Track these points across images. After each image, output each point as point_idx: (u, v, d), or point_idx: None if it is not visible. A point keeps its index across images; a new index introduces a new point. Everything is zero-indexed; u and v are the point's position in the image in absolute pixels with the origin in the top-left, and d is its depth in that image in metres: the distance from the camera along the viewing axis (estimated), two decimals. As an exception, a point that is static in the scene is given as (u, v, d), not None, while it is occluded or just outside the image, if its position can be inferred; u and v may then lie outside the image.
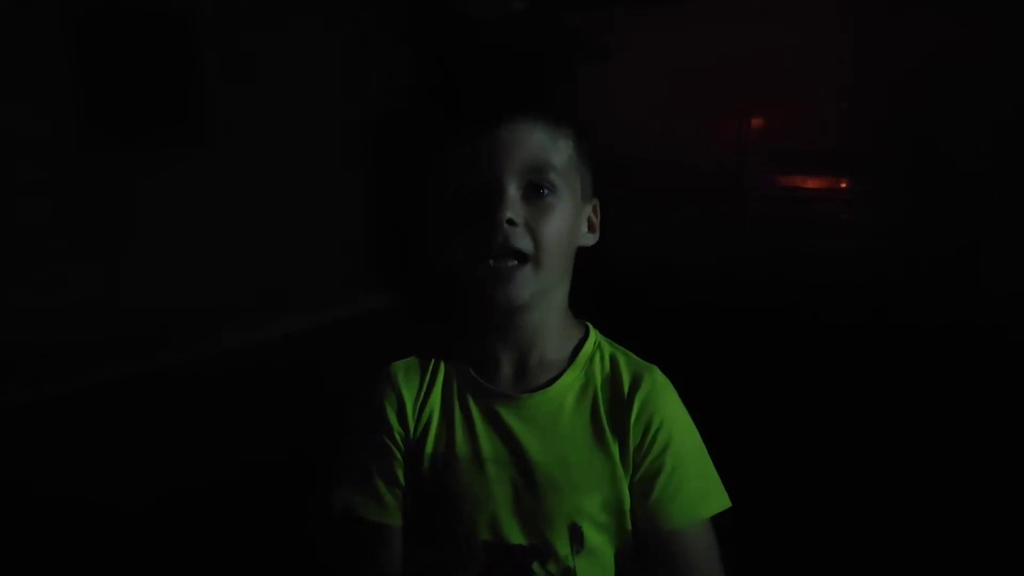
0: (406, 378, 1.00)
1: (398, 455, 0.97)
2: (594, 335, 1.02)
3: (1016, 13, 8.52)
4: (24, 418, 3.85)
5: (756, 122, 11.62)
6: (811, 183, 10.59)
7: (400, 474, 0.97)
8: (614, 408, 0.96)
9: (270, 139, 5.61)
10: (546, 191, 0.91)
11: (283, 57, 5.67)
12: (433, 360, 1.01)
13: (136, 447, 3.52)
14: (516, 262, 0.90)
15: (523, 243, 0.89)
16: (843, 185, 10.48)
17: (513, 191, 0.90)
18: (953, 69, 8.98)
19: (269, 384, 4.33)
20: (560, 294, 0.99)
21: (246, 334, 5.14)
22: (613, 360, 1.00)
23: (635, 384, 0.97)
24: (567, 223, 0.93)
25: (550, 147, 0.92)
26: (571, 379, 0.97)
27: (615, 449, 0.94)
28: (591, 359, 0.99)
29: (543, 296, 0.94)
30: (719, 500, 0.97)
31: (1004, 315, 5.54)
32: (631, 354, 1.02)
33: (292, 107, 5.75)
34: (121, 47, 4.79)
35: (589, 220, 1.00)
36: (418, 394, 0.99)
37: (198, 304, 5.08)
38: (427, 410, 0.98)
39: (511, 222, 0.88)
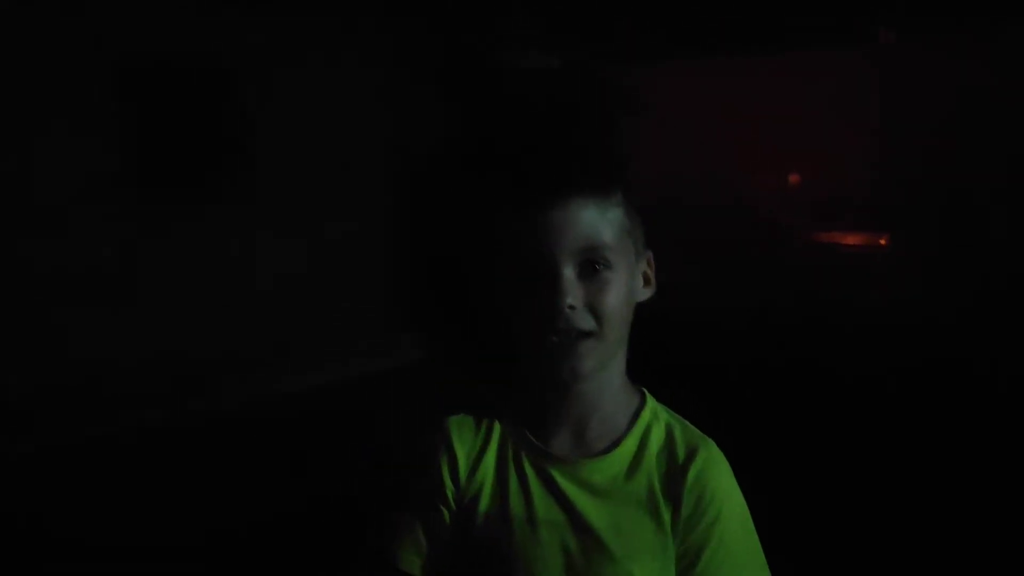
0: (460, 434, 1.00)
1: (445, 512, 0.97)
2: (651, 402, 1.02)
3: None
4: (66, 462, 3.90)
5: (791, 173, 11.63)
6: (847, 232, 10.54)
7: (443, 530, 0.97)
8: (669, 478, 0.95)
9: (313, 188, 5.74)
10: (601, 266, 0.91)
11: (324, 109, 5.82)
12: (487, 418, 1.01)
13: (174, 490, 3.56)
14: (579, 337, 0.90)
15: (585, 323, 0.90)
16: (878, 235, 10.41)
17: (569, 272, 0.90)
18: (984, 118, 8.92)
19: (309, 431, 4.37)
20: (619, 360, 0.99)
21: (286, 381, 5.19)
22: (669, 429, 0.99)
23: (690, 455, 0.96)
24: (624, 292, 0.94)
25: (601, 224, 0.92)
26: (629, 447, 0.97)
27: (667, 518, 0.94)
28: (648, 427, 0.98)
29: (605, 364, 0.94)
30: None
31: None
32: (687, 423, 1.01)
33: (335, 157, 5.87)
34: (166, 103, 4.94)
35: (644, 274, 0.99)
36: (471, 451, 0.99)
37: (239, 352, 5.14)
38: (481, 469, 0.98)
39: (571, 306, 0.89)
